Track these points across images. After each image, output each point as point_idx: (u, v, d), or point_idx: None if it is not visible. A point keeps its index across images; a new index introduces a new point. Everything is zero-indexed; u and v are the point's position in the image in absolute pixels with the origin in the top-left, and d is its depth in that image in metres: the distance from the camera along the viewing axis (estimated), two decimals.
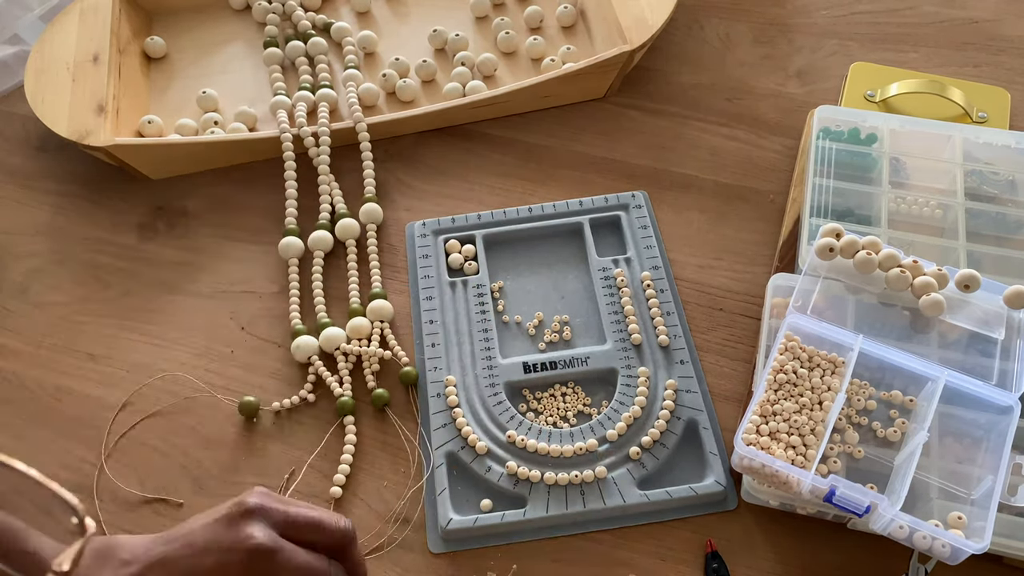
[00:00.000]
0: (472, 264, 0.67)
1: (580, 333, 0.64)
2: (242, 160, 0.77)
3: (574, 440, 0.57)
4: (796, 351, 0.54)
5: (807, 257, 0.58)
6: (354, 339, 0.64)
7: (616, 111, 0.78)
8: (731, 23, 0.85)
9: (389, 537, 0.56)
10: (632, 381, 0.60)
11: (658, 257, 0.67)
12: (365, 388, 0.62)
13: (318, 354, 0.64)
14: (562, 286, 0.67)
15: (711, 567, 0.53)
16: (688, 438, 0.58)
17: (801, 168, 0.70)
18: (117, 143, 0.71)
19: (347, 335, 0.64)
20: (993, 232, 0.62)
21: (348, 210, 0.71)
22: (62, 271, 0.71)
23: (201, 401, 0.63)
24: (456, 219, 0.70)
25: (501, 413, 0.59)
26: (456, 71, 0.79)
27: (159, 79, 0.83)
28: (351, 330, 0.64)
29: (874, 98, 0.73)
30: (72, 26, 0.80)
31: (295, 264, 0.69)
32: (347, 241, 0.70)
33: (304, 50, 0.83)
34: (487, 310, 0.65)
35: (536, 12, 0.84)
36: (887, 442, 0.52)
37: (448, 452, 0.58)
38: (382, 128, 0.76)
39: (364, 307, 0.66)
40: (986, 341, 0.54)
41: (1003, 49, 0.80)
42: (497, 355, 0.62)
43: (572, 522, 0.55)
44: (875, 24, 0.84)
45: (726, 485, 0.55)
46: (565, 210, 0.70)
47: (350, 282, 0.68)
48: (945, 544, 0.46)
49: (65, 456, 0.60)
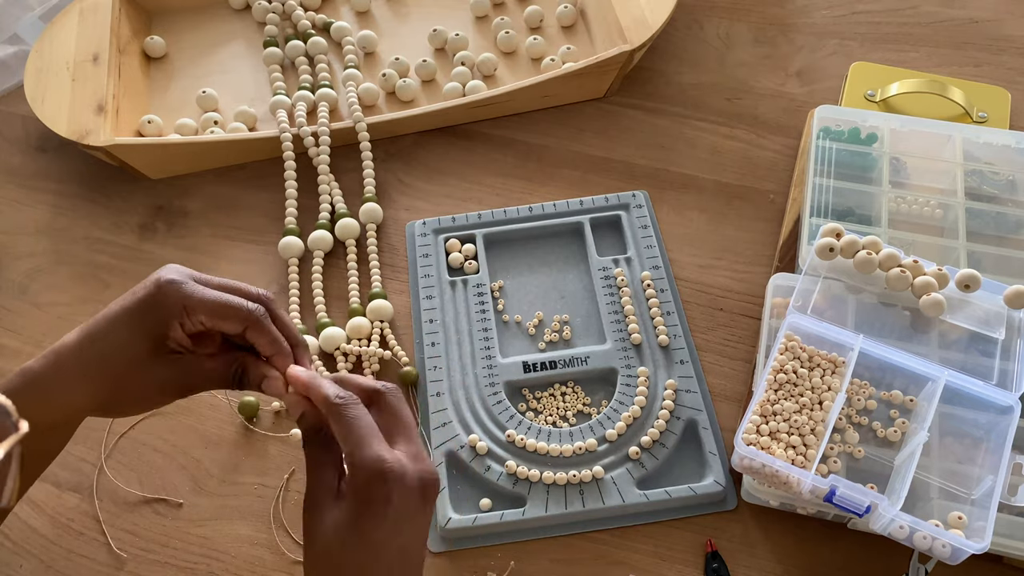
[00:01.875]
0: (472, 263, 0.67)
1: (580, 333, 0.64)
2: (242, 160, 0.77)
3: (573, 440, 0.57)
4: (796, 351, 0.54)
5: (807, 257, 0.58)
6: (354, 339, 0.64)
7: (616, 111, 0.78)
8: (731, 23, 0.85)
9: None
10: (632, 381, 0.60)
11: (658, 257, 0.67)
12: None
13: (318, 354, 0.64)
14: (562, 286, 0.67)
15: (711, 567, 0.53)
16: (688, 438, 0.58)
17: (801, 168, 0.70)
18: (117, 143, 0.71)
19: (347, 335, 0.64)
20: (993, 232, 0.61)
21: (348, 210, 0.71)
22: (62, 271, 0.71)
23: (201, 401, 0.63)
24: (456, 218, 0.70)
25: (501, 412, 0.59)
26: (456, 71, 0.79)
27: (159, 79, 0.83)
28: (351, 330, 0.64)
29: (874, 98, 0.73)
30: (72, 26, 0.80)
31: (295, 264, 0.69)
32: (347, 241, 0.70)
33: (304, 50, 0.83)
34: (487, 309, 0.65)
35: (536, 12, 0.84)
36: (887, 442, 0.52)
37: (448, 451, 0.57)
38: (382, 128, 0.76)
39: (364, 307, 0.66)
40: (986, 341, 0.54)
41: (1003, 49, 0.80)
42: (497, 354, 0.62)
43: (571, 522, 0.55)
44: (875, 24, 0.84)
45: (725, 485, 0.55)
46: (565, 209, 0.70)
47: (350, 282, 0.68)
48: (945, 544, 0.46)
49: (65, 456, 0.60)
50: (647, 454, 0.57)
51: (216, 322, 0.41)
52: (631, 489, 0.55)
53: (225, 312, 0.41)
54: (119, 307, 0.41)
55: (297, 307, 0.66)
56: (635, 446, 0.57)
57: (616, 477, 0.56)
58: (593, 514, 0.55)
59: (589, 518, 0.55)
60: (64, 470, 0.60)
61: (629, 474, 0.56)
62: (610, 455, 0.57)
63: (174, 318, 0.40)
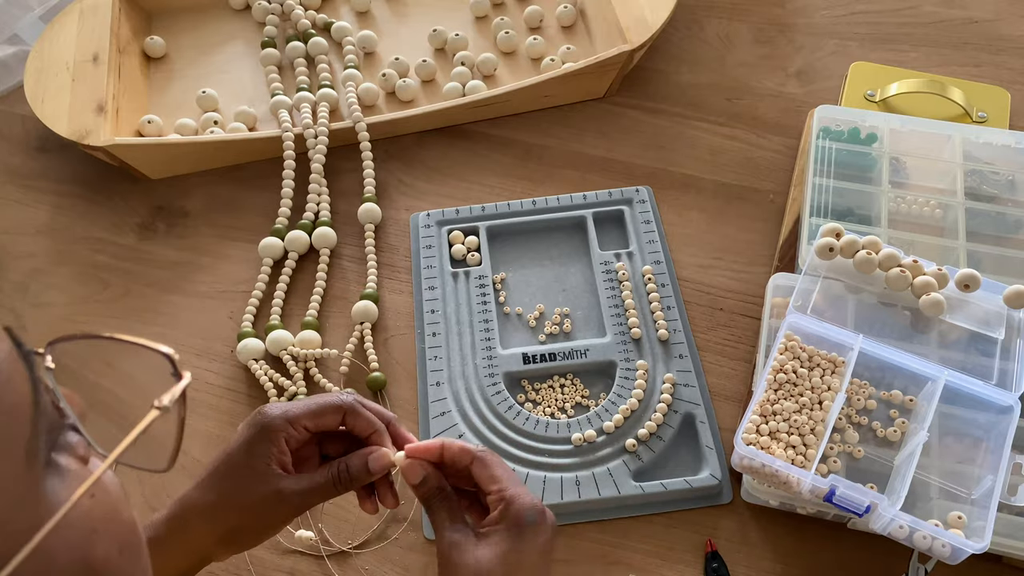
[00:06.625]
0: (475, 255, 0.68)
1: (580, 326, 0.64)
2: (242, 160, 0.77)
3: (571, 431, 0.58)
4: (796, 351, 0.54)
5: (807, 257, 0.58)
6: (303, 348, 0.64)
7: (616, 111, 0.78)
8: (731, 23, 0.85)
9: (385, 536, 0.56)
10: (630, 374, 0.60)
11: (660, 252, 0.67)
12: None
13: (264, 356, 0.64)
14: (564, 279, 0.67)
15: (711, 567, 0.53)
16: (685, 431, 0.58)
17: (801, 168, 0.70)
18: (117, 143, 0.71)
19: (295, 343, 0.64)
20: (993, 232, 0.61)
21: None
22: (62, 271, 0.71)
23: (201, 401, 0.63)
24: (460, 211, 0.70)
25: (499, 403, 0.59)
26: (456, 71, 0.79)
27: (159, 79, 0.83)
28: (300, 342, 0.64)
29: (874, 98, 0.73)
30: (72, 26, 0.80)
31: (268, 264, 0.69)
32: (321, 250, 0.70)
33: (304, 50, 0.83)
34: (488, 301, 0.65)
35: (536, 12, 0.84)
36: (887, 442, 0.52)
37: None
38: (382, 128, 0.76)
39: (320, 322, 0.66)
40: (986, 341, 0.54)
41: (1003, 49, 0.80)
42: (497, 346, 0.62)
43: (567, 512, 0.55)
44: (875, 24, 0.84)
45: (721, 478, 0.56)
46: (569, 204, 0.70)
47: (314, 292, 0.67)
48: (945, 544, 0.46)
49: None
50: (644, 446, 0.57)
51: (317, 421, 0.44)
52: (627, 481, 0.55)
53: (323, 409, 0.44)
54: (233, 446, 0.44)
55: (254, 308, 0.66)
56: (632, 438, 0.57)
57: (613, 469, 0.56)
58: (589, 505, 0.55)
59: (585, 508, 0.55)
60: None
61: (625, 466, 0.56)
62: (607, 447, 0.57)
63: (281, 433, 0.44)
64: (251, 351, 0.63)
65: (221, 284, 0.69)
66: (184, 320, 0.67)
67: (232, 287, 0.69)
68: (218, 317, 0.67)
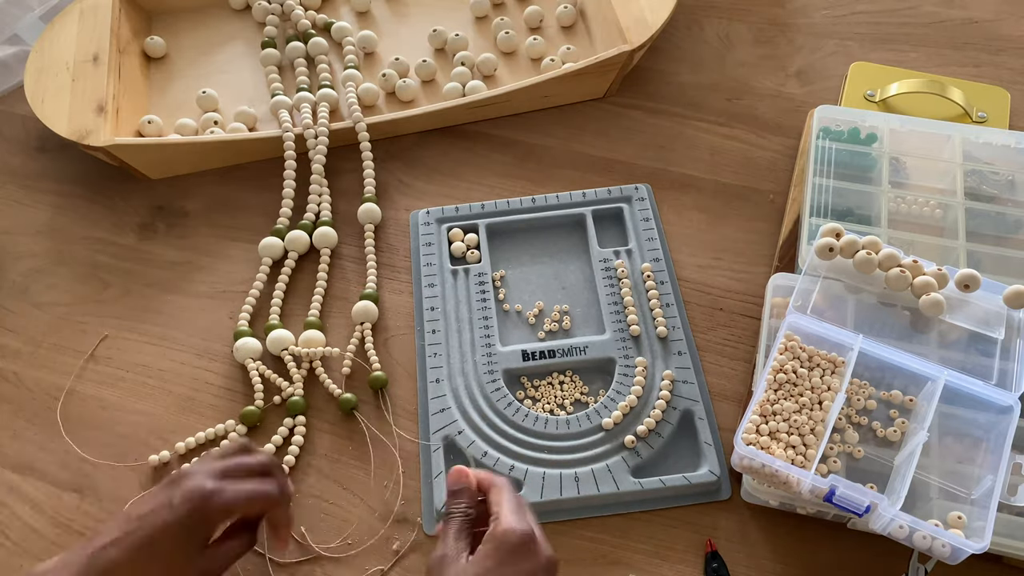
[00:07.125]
0: (474, 253, 0.68)
1: (580, 323, 0.64)
2: (242, 160, 0.77)
3: (570, 428, 0.58)
4: (796, 351, 0.54)
5: (807, 257, 0.58)
6: (305, 347, 0.63)
7: (616, 111, 0.78)
8: (731, 23, 0.85)
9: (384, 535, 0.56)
10: (629, 371, 0.60)
11: (659, 250, 0.67)
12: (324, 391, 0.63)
13: (261, 356, 0.64)
14: (563, 276, 0.67)
15: (711, 567, 0.53)
16: (683, 428, 0.58)
17: (801, 168, 0.70)
18: (117, 143, 0.71)
19: (298, 342, 0.64)
20: (993, 232, 0.62)
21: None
22: (62, 271, 0.71)
23: (200, 401, 0.63)
24: (460, 208, 0.70)
25: (499, 400, 0.59)
26: (456, 71, 0.79)
27: (159, 79, 0.83)
28: (302, 342, 0.64)
29: (874, 98, 0.73)
30: (72, 26, 0.80)
31: (267, 264, 0.69)
32: (322, 250, 0.69)
33: (304, 50, 0.83)
34: (488, 298, 0.65)
35: (536, 12, 0.84)
36: (887, 442, 0.52)
37: (445, 436, 0.58)
38: (382, 128, 0.76)
39: (322, 321, 0.66)
40: (986, 341, 0.54)
41: (1003, 49, 0.80)
42: (497, 343, 0.62)
43: (566, 508, 0.55)
44: (875, 24, 0.84)
45: (720, 475, 0.56)
46: (568, 201, 0.70)
47: (315, 292, 0.67)
48: (945, 544, 0.46)
49: (65, 456, 0.60)
50: (643, 443, 0.57)
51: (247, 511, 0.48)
52: (626, 477, 0.56)
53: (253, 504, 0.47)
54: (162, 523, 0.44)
55: (250, 307, 0.66)
56: (631, 435, 0.57)
57: (611, 465, 0.56)
58: (587, 501, 0.55)
59: (583, 505, 0.55)
60: (64, 470, 0.60)
61: (624, 462, 0.56)
62: (606, 443, 0.57)
63: (218, 523, 0.47)
64: (248, 350, 0.63)
65: (221, 284, 0.69)
66: (184, 320, 0.67)
67: (232, 287, 0.69)
68: (218, 317, 0.67)
